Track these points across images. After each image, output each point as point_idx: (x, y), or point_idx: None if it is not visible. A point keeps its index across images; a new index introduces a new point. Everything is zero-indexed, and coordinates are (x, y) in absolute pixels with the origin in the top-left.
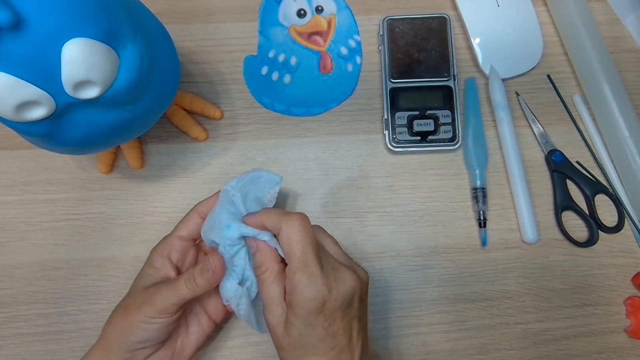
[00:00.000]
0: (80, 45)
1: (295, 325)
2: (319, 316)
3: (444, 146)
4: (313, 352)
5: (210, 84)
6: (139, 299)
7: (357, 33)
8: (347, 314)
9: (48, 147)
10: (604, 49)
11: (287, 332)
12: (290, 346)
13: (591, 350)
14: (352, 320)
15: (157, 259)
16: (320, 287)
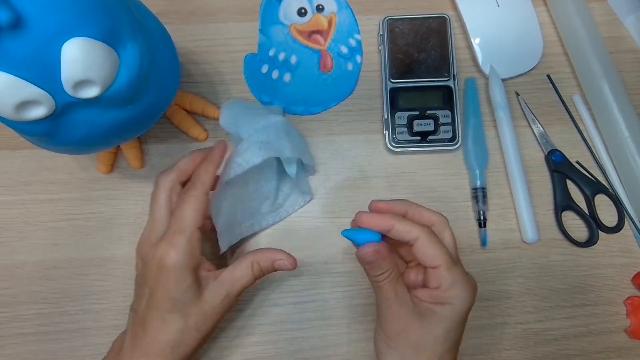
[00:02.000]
0: (80, 45)
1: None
2: (465, 315)
3: (444, 146)
4: (451, 351)
5: (210, 84)
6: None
7: (358, 32)
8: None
9: (48, 147)
10: (603, 49)
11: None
12: (434, 345)
13: (591, 350)
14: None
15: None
16: (473, 285)
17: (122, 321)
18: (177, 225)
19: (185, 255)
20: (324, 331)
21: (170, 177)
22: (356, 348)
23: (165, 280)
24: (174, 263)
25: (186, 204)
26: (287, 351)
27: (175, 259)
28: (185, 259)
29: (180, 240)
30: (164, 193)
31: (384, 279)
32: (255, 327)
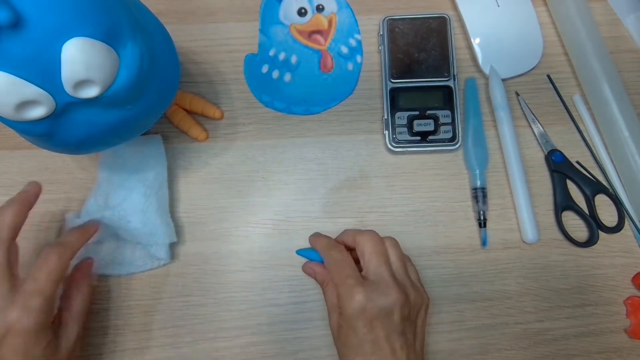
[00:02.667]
0: (80, 45)
1: (342, 326)
2: (358, 321)
3: (444, 146)
4: (357, 351)
5: (210, 84)
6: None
7: (358, 32)
8: (387, 324)
9: (48, 147)
10: (604, 49)
11: (339, 333)
12: (341, 346)
13: (591, 350)
14: (392, 332)
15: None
16: (357, 295)
17: (122, 321)
18: (37, 283)
19: (43, 318)
20: (324, 331)
21: (5, 235)
22: None
23: (20, 350)
24: (29, 330)
25: (52, 258)
26: (287, 351)
27: (32, 325)
28: (43, 321)
29: (38, 303)
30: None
31: (324, 286)
32: (255, 327)
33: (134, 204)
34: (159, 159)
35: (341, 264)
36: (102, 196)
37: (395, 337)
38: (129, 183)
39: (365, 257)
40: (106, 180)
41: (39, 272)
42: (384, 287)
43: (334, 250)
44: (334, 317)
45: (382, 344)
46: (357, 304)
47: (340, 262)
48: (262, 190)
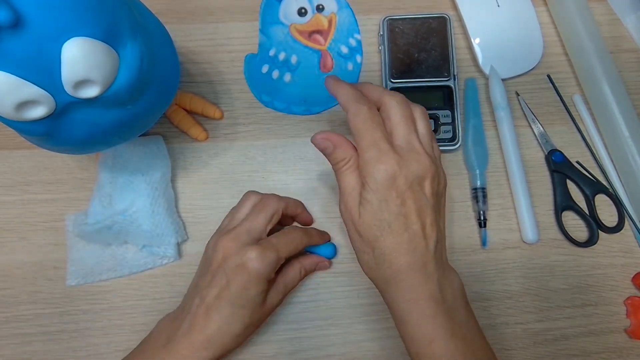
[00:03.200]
0: (80, 44)
1: (369, 201)
2: (391, 191)
3: (444, 146)
4: (388, 230)
5: (210, 84)
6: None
7: (358, 32)
8: (419, 197)
9: (48, 147)
10: (604, 49)
11: (363, 211)
12: (367, 226)
13: (591, 350)
14: (424, 206)
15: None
16: (390, 160)
17: (121, 321)
18: (277, 245)
19: (269, 269)
20: (324, 331)
21: (278, 204)
22: (356, 348)
23: (245, 281)
24: (259, 271)
25: (292, 239)
26: (287, 351)
27: (262, 269)
28: (268, 272)
29: (272, 258)
30: (272, 209)
31: (342, 167)
32: None
33: (143, 206)
34: (163, 160)
35: (372, 123)
36: (105, 197)
37: (427, 212)
38: (135, 185)
39: (394, 121)
40: (108, 181)
41: (282, 237)
42: (415, 156)
43: (364, 104)
44: (354, 197)
45: (414, 218)
46: (390, 171)
47: (371, 120)
48: (262, 190)
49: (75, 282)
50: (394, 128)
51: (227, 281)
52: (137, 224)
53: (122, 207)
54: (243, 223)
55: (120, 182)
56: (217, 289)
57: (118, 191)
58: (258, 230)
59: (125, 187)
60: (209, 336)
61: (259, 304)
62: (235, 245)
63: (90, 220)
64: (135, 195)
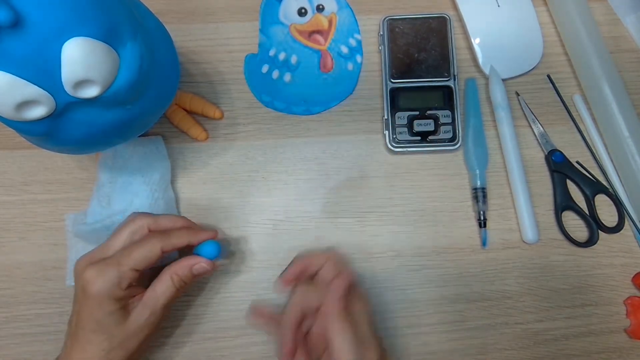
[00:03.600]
0: (80, 45)
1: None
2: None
3: (444, 146)
4: None
5: (210, 84)
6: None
7: (358, 32)
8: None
9: (48, 147)
10: (604, 49)
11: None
12: None
13: (591, 350)
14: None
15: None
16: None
17: None
18: (120, 258)
19: (111, 286)
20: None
21: (145, 220)
22: None
23: (89, 304)
24: (98, 291)
25: (140, 246)
26: None
27: (100, 289)
28: (110, 290)
29: (111, 274)
30: (130, 229)
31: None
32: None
33: (142, 207)
34: (163, 161)
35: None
36: (104, 197)
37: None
38: (134, 186)
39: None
40: (108, 181)
41: (130, 249)
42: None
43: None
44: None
45: None
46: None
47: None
48: (262, 190)
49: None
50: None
51: (78, 306)
52: None
53: (121, 207)
54: (108, 259)
55: (119, 183)
56: (74, 316)
57: (117, 191)
58: (112, 249)
59: (125, 188)
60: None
61: (114, 325)
62: (81, 267)
63: (89, 220)
64: (134, 196)
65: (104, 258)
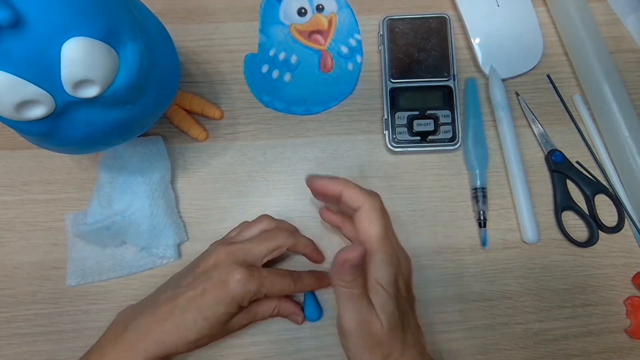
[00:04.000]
0: (80, 44)
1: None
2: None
3: (444, 146)
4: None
5: (210, 84)
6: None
7: (358, 32)
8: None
9: (48, 147)
10: (604, 49)
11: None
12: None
13: (591, 350)
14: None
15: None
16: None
17: None
18: (264, 279)
19: (246, 298)
20: (324, 331)
21: (291, 240)
22: None
23: (219, 297)
24: (236, 294)
25: (285, 280)
26: (287, 351)
27: (239, 294)
28: (244, 299)
29: (253, 288)
30: (278, 243)
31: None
32: (255, 327)
33: (142, 208)
34: (163, 162)
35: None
36: (105, 197)
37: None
38: (134, 186)
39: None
40: (108, 181)
41: (273, 276)
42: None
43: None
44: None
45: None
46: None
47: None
48: (262, 190)
49: (75, 282)
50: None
51: (203, 289)
52: (135, 225)
53: (121, 207)
54: (245, 242)
55: (119, 183)
56: (192, 292)
57: (117, 192)
58: (255, 256)
59: (125, 188)
60: (165, 331)
61: (223, 322)
62: (227, 259)
63: (89, 220)
64: (134, 196)
65: (249, 261)
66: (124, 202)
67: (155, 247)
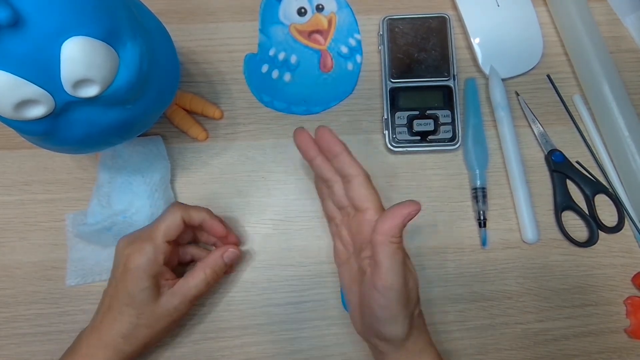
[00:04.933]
0: (79, 44)
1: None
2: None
3: (444, 146)
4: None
5: (210, 84)
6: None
7: (358, 32)
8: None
9: (47, 146)
10: (604, 49)
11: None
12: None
13: (591, 350)
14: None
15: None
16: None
17: None
18: (150, 232)
19: (147, 261)
20: (324, 331)
21: (183, 210)
22: (356, 348)
23: (127, 278)
24: (136, 266)
25: (164, 218)
26: (287, 351)
27: (138, 262)
28: (147, 265)
29: (147, 248)
30: (170, 216)
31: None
32: (255, 327)
33: (142, 208)
34: (163, 162)
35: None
36: (104, 197)
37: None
38: (134, 187)
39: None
40: (107, 181)
41: (157, 223)
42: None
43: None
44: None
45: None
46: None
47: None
48: (262, 190)
49: (75, 282)
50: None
51: (115, 280)
52: (136, 226)
53: (121, 208)
54: (141, 228)
55: (119, 183)
56: (110, 288)
57: (117, 191)
58: (149, 235)
59: (124, 188)
60: (101, 334)
61: (146, 302)
62: (122, 245)
63: (89, 220)
64: (134, 196)
65: (139, 235)
66: (124, 202)
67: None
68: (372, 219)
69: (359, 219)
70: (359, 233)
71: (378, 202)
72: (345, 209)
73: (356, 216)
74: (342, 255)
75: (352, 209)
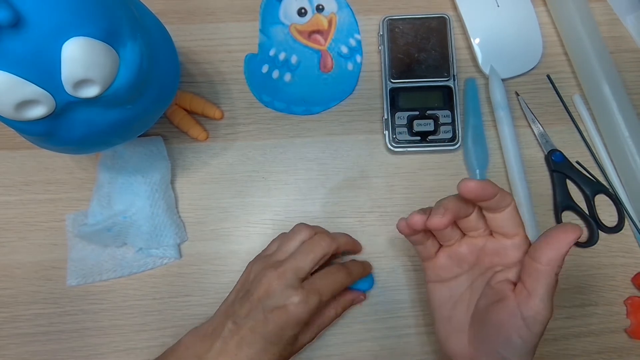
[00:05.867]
0: (80, 44)
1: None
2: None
3: (444, 146)
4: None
5: (210, 84)
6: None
7: (358, 32)
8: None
9: (48, 147)
10: (604, 49)
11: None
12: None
13: (591, 350)
14: None
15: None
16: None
17: (121, 321)
18: (321, 289)
19: (310, 315)
20: (324, 331)
21: (334, 245)
22: (356, 348)
23: (283, 322)
24: (299, 317)
25: (338, 278)
26: None
27: (303, 315)
28: (308, 317)
29: (314, 304)
30: (322, 251)
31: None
32: None
33: (143, 208)
34: (163, 162)
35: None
36: (104, 198)
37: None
38: (135, 187)
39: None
40: (108, 182)
41: (326, 280)
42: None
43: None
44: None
45: None
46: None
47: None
48: (262, 190)
49: (76, 282)
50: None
51: (264, 318)
52: (136, 226)
53: (121, 208)
54: (290, 260)
55: (119, 183)
56: (254, 322)
57: (117, 192)
58: (304, 271)
59: (125, 188)
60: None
61: (291, 343)
62: (280, 284)
63: (90, 220)
64: (135, 196)
65: (300, 278)
66: (124, 202)
67: (155, 247)
68: (520, 244)
69: (500, 241)
70: (497, 255)
71: (523, 227)
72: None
73: (494, 238)
74: (446, 271)
75: (484, 231)
